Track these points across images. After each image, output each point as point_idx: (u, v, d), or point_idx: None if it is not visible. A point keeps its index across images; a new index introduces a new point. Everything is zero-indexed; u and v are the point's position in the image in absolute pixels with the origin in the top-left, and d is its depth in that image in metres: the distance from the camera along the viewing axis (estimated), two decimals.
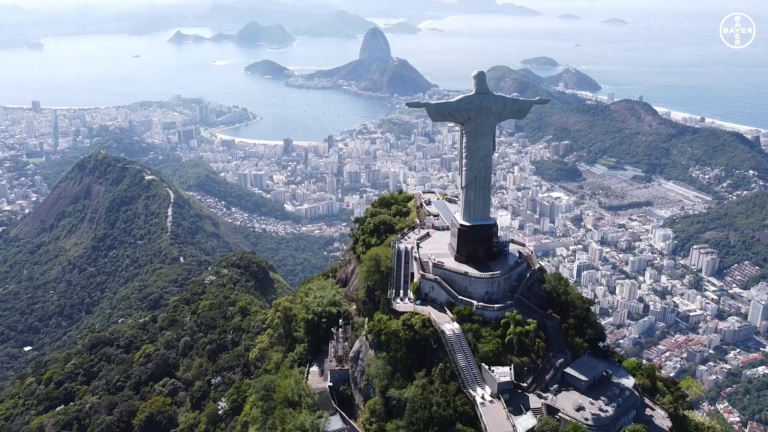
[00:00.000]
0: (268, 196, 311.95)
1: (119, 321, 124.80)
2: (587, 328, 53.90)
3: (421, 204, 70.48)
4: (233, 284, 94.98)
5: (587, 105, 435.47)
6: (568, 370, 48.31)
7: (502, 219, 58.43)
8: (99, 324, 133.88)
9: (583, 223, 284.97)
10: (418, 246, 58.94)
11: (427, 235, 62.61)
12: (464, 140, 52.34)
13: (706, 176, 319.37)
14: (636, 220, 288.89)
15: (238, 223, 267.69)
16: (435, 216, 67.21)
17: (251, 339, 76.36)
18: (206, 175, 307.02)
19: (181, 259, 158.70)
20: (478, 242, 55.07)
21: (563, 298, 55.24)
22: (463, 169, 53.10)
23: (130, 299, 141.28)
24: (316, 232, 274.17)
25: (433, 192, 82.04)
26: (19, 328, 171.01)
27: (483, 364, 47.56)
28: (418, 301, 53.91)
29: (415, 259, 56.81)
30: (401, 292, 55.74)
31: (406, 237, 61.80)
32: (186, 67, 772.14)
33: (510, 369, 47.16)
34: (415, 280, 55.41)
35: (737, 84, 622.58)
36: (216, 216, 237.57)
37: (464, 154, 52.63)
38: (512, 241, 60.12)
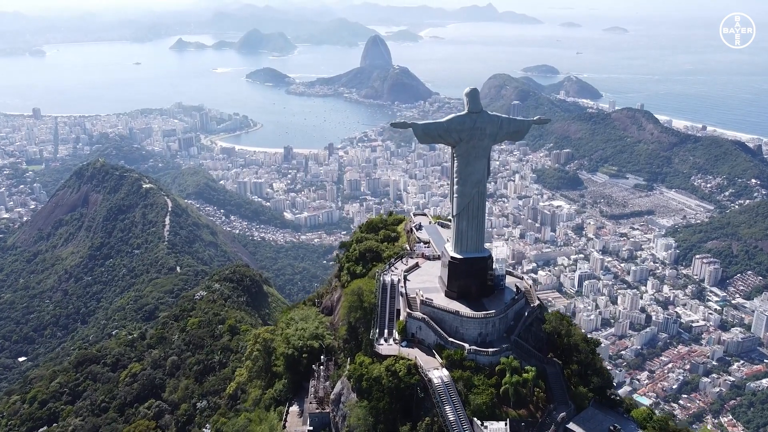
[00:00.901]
0: (268, 204, 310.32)
1: (113, 333, 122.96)
2: (592, 375, 49.20)
3: (411, 229, 65.47)
4: (224, 300, 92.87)
5: (588, 113, 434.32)
6: (571, 425, 43.99)
7: (498, 250, 53.01)
8: (93, 335, 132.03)
9: (584, 232, 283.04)
10: (405, 279, 53.54)
11: (416, 265, 57.54)
12: (455, 164, 46.84)
13: (708, 185, 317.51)
14: (638, 229, 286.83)
15: (237, 231, 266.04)
16: (425, 243, 62.49)
17: (239, 360, 74.32)
18: (205, 183, 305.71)
19: (178, 269, 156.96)
20: (471, 277, 50.06)
21: (566, 341, 50.57)
22: (455, 196, 47.59)
23: (125, 310, 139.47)
24: (315, 240, 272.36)
25: (424, 214, 77.42)
26: (14, 338, 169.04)
27: (475, 419, 42.80)
28: (403, 343, 48.99)
29: (402, 295, 51.58)
30: (386, 331, 51.02)
31: (393, 267, 56.64)
32: (187, 74, 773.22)
33: (506, 424, 42.66)
34: (401, 318, 50.50)
35: (738, 92, 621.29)
36: (214, 225, 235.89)
37: (455, 180, 46.99)
38: (509, 273, 55.63)
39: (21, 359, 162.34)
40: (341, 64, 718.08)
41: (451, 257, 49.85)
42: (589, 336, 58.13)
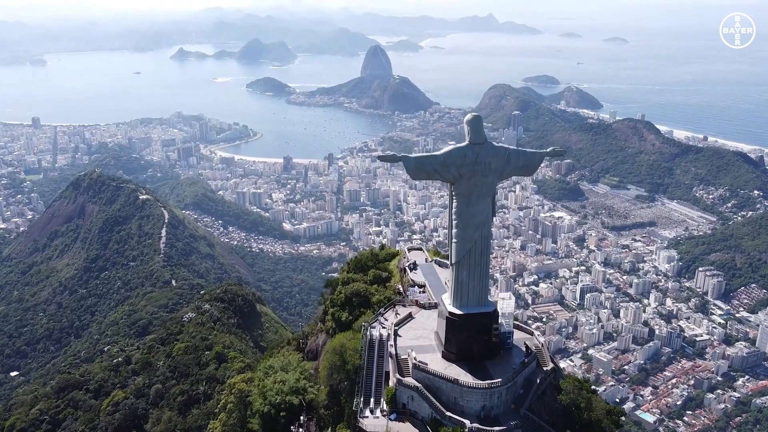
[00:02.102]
0: (267, 214, 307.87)
1: (105, 349, 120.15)
2: None
3: (404, 269, 57.88)
4: (213, 323, 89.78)
5: (589, 123, 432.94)
6: None
7: (505, 303, 44.82)
8: (84, 351, 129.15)
9: (585, 244, 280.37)
10: (395, 334, 45.54)
11: (409, 316, 49.30)
12: (454, 204, 39.22)
13: (711, 196, 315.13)
14: (640, 240, 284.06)
15: (235, 242, 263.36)
16: (420, 287, 54.43)
17: (223, 393, 70.96)
18: (203, 194, 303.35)
19: (173, 282, 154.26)
20: (473, 335, 42.31)
21: (585, 415, 43.50)
22: (453, 240, 39.77)
23: (119, 324, 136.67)
24: (314, 252, 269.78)
25: (420, 249, 68.16)
26: (7, 352, 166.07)
27: None
28: (393, 415, 41.32)
29: (391, 356, 43.72)
30: (372, 400, 43.60)
31: (382, 318, 48.77)
32: (187, 83, 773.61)
33: None
34: (390, 383, 42.87)
35: (739, 103, 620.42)
36: (212, 236, 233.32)
37: (455, 222, 39.25)
38: (518, 327, 47.30)
39: (13, 374, 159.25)
40: (342, 73, 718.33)
41: (450, 312, 42.46)
42: (612, 406, 50.84)
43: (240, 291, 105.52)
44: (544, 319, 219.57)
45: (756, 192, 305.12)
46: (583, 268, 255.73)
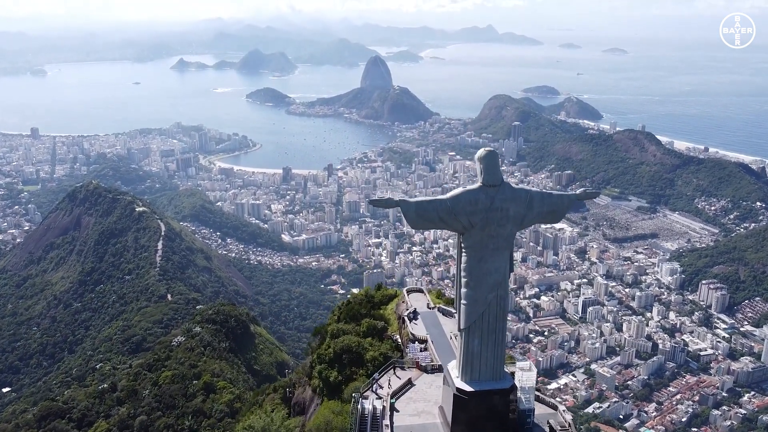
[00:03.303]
0: (266, 226, 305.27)
1: (97, 366, 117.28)
2: None
3: (403, 319, 49.40)
4: (203, 347, 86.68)
5: (589, 134, 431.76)
6: None
7: (525, 376, 35.84)
8: (77, 369, 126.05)
9: (587, 256, 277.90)
10: (392, 408, 37.51)
11: (409, 382, 40.73)
12: (464, 259, 31.54)
13: (713, 208, 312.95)
14: (642, 252, 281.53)
15: (233, 255, 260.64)
16: (422, 344, 46.06)
17: (212, 429, 67.75)
18: (201, 205, 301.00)
19: (169, 296, 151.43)
20: (486, 416, 34.14)
21: None
22: (462, 302, 32.00)
23: (113, 340, 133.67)
24: (313, 264, 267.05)
25: (421, 290, 58.71)
26: None
27: None
28: None
29: None
30: None
31: (376, 383, 40.55)
32: (187, 94, 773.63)
33: None
34: None
35: (739, 113, 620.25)
36: (209, 249, 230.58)
37: (464, 281, 31.57)
38: (539, 400, 37.84)
39: (5, 390, 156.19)
40: (342, 84, 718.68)
41: (458, 389, 33.94)
42: None
43: (233, 311, 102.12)
44: (545, 333, 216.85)
45: (758, 203, 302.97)
46: (584, 280, 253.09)
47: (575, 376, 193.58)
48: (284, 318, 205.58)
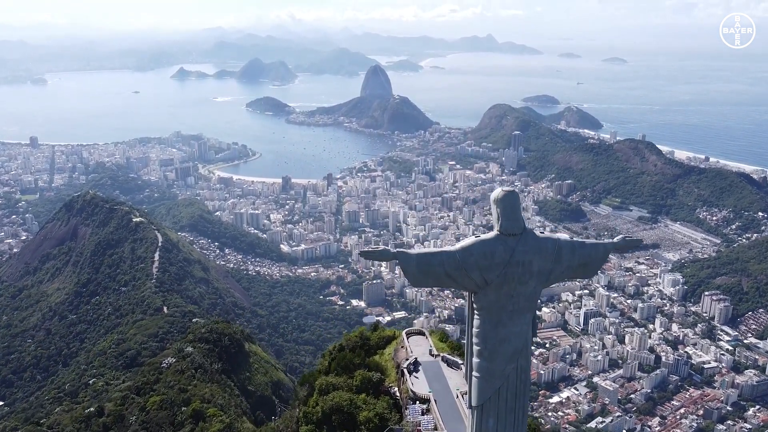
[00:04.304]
0: (264, 236, 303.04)
1: (90, 382, 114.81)
2: None
3: (402, 371, 43.52)
4: (194, 369, 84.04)
5: (590, 144, 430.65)
6: None
7: None
8: (69, 383, 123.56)
9: None
10: None
11: None
12: (477, 323, 23.71)
13: (714, 218, 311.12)
14: (643, 263, 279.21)
15: (231, 265, 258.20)
16: (423, 404, 40.46)
17: None
18: (200, 215, 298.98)
19: (165, 309, 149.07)
20: None
21: None
22: (475, 375, 23.89)
23: (107, 354, 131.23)
24: (312, 274, 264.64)
25: (422, 332, 51.61)
26: None
27: None
28: None
29: None
30: None
31: None
32: (187, 103, 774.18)
33: None
34: None
35: (739, 122, 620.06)
36: (206, 260, 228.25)
37: (476, 349, 23.48)
38: None
39: None
40: (342, 93, 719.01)
41: None
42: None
43: (227, 329, 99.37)
44: (547, 345, 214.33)
45: (760, 214, 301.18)
46: (586, 291, 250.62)
47: (577, 390, 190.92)
48: (282, 330, 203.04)
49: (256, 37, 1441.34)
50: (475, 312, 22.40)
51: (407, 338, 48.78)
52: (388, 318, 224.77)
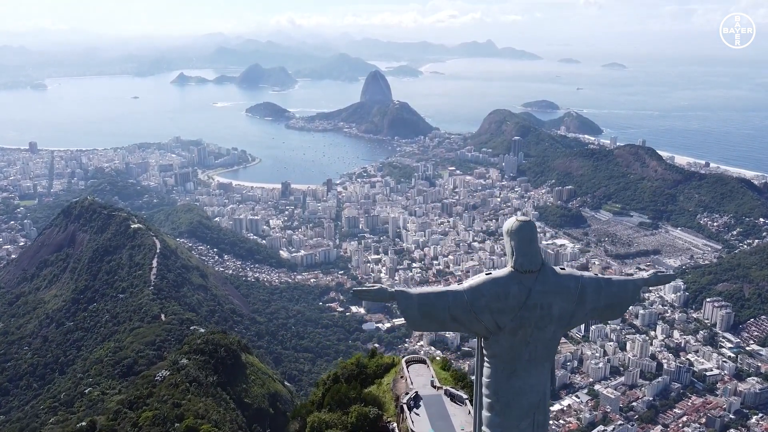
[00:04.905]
0: (264, 242, 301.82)
1: (86, 391, 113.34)
2: None
3: (401, 408, 39.35)
4: (189, 383, 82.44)
5: (590, 149, 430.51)
6: None
7: None
8: (65, 393, 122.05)
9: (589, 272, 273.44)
10: None
11: None
12: (487, 372, 18.77)
13: (715, 224, 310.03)
14: (644, 269, 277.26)
15: (230, 272, 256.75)
16: None
17: None
18: (199, 221, 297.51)
19: (162, 317, 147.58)
20: None
21: None
22: (483, 430, 19.06)
23: (103, 363, 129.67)
24: (311, 280, 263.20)
25: (423, 361, 46.01)
26: None
27: None
28: None
29: None
30: None
31: None
32: (187, 108, 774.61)
33: None
34: None
35: (739, 128, 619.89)
36: (205, 266, 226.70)
37: (487, 402, 18.72)
38: None
39: None
40: (341, 98, 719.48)
41: None
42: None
43: (223, 340, 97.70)
44: None
45: (761, 219, 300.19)
46: None
47: (578, 398, 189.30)
48: (281, 337, 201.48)
49: (256, 42, 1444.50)
50: (486, 360, 19.01)
51: (407, 367, 45.05)
52: (388, 325, 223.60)
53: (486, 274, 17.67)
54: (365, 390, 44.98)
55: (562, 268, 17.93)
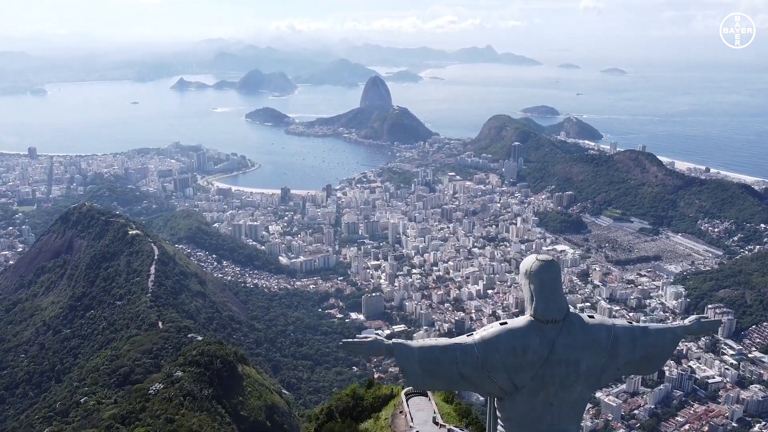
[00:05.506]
0: (263, 248, 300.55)
1: (82, 400, 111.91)
2: None
3: None
4: (183, 397, 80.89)
5: (590, 155, 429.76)
6: None
7: None
8: (60, 402, 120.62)
9: (590, 279, 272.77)
10: None
11: None
12: None
13: (716, 229, 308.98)
14: (645, 275, 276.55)
15: (229, 278, 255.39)
16: None
17: None
18: (198, 227, 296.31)
19: (160, 324, 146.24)
20: None
21: None
22: None
23: (99, 371, 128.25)
24: (311, 287, 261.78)
25: (425, 394, 41.33)
26: None
27: None
28: None
29: None
30: None
31: None
32: (187, 113, 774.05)
33: None
34: None
35: (739, 133, 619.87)
36: (203, 272, 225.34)
37: None
38: None
39: None
40: (341, 104, 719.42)
41: None
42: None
43: (219, 351, 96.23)
44: None
45: (762, 225, 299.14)
46: (588, 304, 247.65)
47: None
48: (280, 344, 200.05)
49: (256, 48, 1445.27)
50: (500, 424, 15.77)
51: (406, 401, 41.34)
52: (387, 331, 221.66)
53: (501, 324, 14.99)
54: (361, 426, 41.59)
55: (590, 316, 15.54)
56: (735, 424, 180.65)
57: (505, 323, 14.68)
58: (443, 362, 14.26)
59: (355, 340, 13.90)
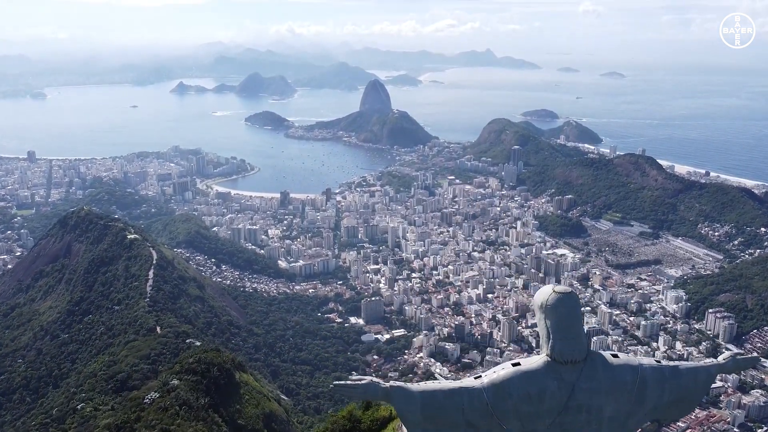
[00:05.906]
0: (262, 252, 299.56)
1: (78, 407, 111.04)
2: None
3: None
4: (179, 406, 79.91)
5: (590, 158, 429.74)
6: None
7: None
8: (57, 408, 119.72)
9: (590, 283, 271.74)
10: None
11: None
12: None
13: (716, 233, 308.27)
14: (645, 279, 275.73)
15: (228, 282, 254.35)
16: None
17: None
18: (197, 231, 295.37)
19: (158, 329, 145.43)
20: None
21: None
22: None
23: (97, 377, 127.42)
24: (310, 291, 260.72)
25: None
26: None
27: None
28: None
29: None
30: None
31: None
32: (186, 117, 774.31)
33: None
34: None
35: (739, 137, 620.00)
36: (202, 277, 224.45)
37: None
38: None
39: None
40: (341, 107, 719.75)
41: None
42: None
43: (216, 359, 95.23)
44: None
45: (763, 229, 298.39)
46: (588, 308, 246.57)
47: None
48: (279, 349, 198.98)
49: (255, 51, 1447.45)
50: None
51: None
52: (387, 336, 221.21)
53: (513, 365, 13.39)
54: None
55: (614, 355, 13.49)
56: (737, 430, 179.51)
57: (518, 364, 13.31)
58: (448, 408, 12.94)
59: (348, 383, 12.58)
